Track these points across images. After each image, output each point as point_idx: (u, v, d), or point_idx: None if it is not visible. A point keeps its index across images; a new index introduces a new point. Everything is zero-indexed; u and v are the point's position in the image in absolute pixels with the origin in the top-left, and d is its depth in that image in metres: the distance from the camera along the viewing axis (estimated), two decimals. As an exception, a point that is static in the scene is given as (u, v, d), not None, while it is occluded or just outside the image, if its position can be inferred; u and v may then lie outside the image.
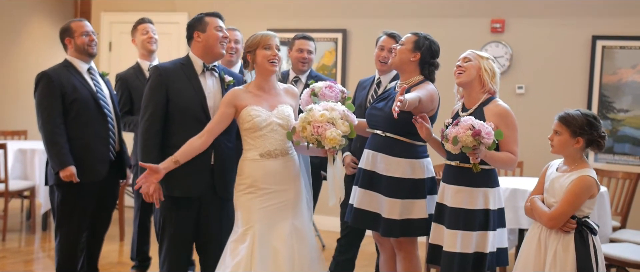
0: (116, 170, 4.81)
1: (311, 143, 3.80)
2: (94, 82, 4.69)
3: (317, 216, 6.71)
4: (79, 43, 4.65)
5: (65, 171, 4.47)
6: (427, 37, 4.10)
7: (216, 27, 4.09)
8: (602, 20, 6.62)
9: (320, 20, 7.58)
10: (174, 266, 4.16)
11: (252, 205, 3.91)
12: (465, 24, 7.04)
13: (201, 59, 4.12)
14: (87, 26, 4.70)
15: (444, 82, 4.31)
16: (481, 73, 3.87)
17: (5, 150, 6.48)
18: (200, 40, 4.09)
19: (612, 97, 6.60)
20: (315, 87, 4.42)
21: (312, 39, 5.06)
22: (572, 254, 3.54)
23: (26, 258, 6.19)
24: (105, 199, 4.83)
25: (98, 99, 4.63)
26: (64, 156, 4.48)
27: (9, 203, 6.86)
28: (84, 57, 4.68)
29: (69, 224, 4.62)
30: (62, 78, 4.55)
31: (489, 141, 3.57)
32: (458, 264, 3.78)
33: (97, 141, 4.61)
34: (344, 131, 3.78)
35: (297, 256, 3.90)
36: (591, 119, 3.61)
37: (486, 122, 3.64)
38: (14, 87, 9.06)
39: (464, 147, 3.59)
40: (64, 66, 4.65)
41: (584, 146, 3.62)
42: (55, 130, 4.50)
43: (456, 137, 3.59)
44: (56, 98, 4.51)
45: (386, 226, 4.04)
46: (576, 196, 3.54)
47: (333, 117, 3.79)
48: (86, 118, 4.57)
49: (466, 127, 3.57)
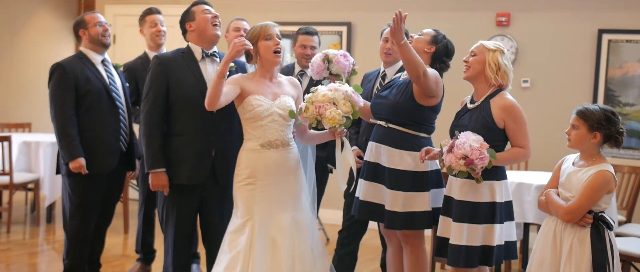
0: (125, 161, 4.85)
1: (312, 124, 3.82)
2: (108, 74, 4.73)
3: (321, 210, 6.70)
4: (93, 33, 4.68)
5: (75, 162, 4.50)
6: (446, 37, 4.14)
7: (203, 10, 4.18)
8: (608, 13, 6.59)
9: (325, 13, 7.56)
10: (178, 254, 4.20)
11: (251, 196, 3.91)
12: (470, 17, 7.02)
13: (199, 46, 4.19)
14: (100, 17, 4.75)
15: (449, 74, 4.30)
16: (485, 67, 3.86)
17: (10, 142, 6.48)
18: (193, 28, 4.19)
19: (618, 91, 6.58)
20: (329, 53, 4.42)
21: (315, 34, 5.04)
22: (588, 249, 3.54)
23: (30, 250, 6.20)
24: (111, 190, 4.86)
25: (111, 91, 4.67)
26: (75, 147, 4.51)
27: (14, 195, 6.87)
28: (97, 48, 4.72)
29: (78, 215, 4.65)
30: (76, 69, 4.58)
31: (484, 163, 3.60)
32: (464, 257, 3.78)
33: (108, 132, 4.64)
34: (345, 111, 3.79)
35: (296, 248, 3.89)
36: (609, 114, 3.58)
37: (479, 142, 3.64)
38: (19, 79, 9.06)
39: (460, 173, 3.65)
40: (78, 57, 4.68)
41: (601, 141, 3.59)
42: (67, 121, 4.53)
43: (450, 166, 3.65)
44: (69, 89, 4.55)
45: (389, 218, 4.05)
46: (595, 190, 3.52)
47: (335, 97, 3.80)
48: (98, 110, 4.61)
49: (459, 156, 3.61)
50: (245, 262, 3.81)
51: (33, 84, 9.21)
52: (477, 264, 3.81)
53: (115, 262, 5.82)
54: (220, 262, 3.89)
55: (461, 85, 4.34)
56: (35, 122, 8.70)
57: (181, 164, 4.10)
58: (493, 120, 3.78)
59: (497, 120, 3.78)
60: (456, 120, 3.98)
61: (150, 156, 4.09)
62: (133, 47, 6.41)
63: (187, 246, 4.27)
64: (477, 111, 3.84)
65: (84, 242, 4.72)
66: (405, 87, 4.04)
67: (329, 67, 4.48)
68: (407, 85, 4.03)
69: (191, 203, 4.18)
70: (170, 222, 4.19)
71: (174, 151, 4.12)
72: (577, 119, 3.62)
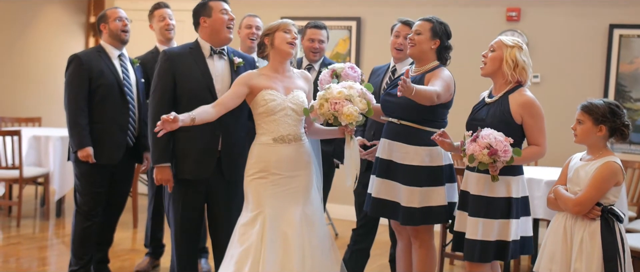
0: (133, 155, 4.91)
1: (328, 120, 3.82)
2: (123, 69, 4.81)
3: (330, 205, 6.70)
4: (113, 28, 4.79)
5: (83, 151, 4.62)
6: (439, 20, 4.10)
7: (221, 10, 4.15)
8: (619, 8, 6.55)
9: (335, 8, 7.55)
10: (184, 248, 4.21)
11: (263, 190, 3.92)
12: (481, 12, 6.99)
13: (208, 43, 4.18)
14: (121, 12, 4.85)
15: (459, 70, 4.29)
16: (502, 64, 3.83)
17: (20, 137, 6.51)
18: (207, 25, 4.16)
19: (629, 86, 6.54)
20: (337, 67, 4.41)
21: (323, 28, 5.02)
22: (599, 242, 3.54)
23: (40, 244, 6.22)
24: (120, 183, 4.93)
25: (123, 86, 4.75)
26: (84, 137, 4.62)
27: (24, 190, 6.90)
28: (116, 43, 4.82)
29: (85, 202, 4.76)
30: (91, 62, 4.69)
31: (506, 158, 3.57)
32: (479, 251, 3.76)
33: (115, 126, 4.72)
34: (361, 109, 3.82)
35: (307, 242, 3.91)
36: (614, 107, 3.60)
37: (504, 138, 3.60)
38: (28, 74, 9.09)
39: (481, 164, 3.60)
40: (96, 51, 4.81)
41: (608, 134, 3.60)
42: (78, 112, 4.64)
43: (472, 155, 3.60)
44: (83, 81, 4.65)
45: (406, 214, 4.03)
46: (602, 181, 3.53)
47: (351, 94, 3.82)
48: (109, 103, 4.70)
49: (483, 146, 3.57)
50: (256, 256, 3.81)
51: (43, 79, 9.24)
52: (491, 259, 3.80)
53: (124, 256, 5.83)
54: (231, 256, 3.90)
55: (470, 79, 4.33)
56: (45, 116, 8.73)
57: (186, 159, 4.11)
58: (511, 116, 3.76)
59: (515, 116, 3.77)
60: (473, 114, 3.96)
61: (157, 151, 4.10)
62: (143, 42, 6.38)
63: (193, 241, 4.27)
64: (495, 106, 3.83)
65: (90, 231, 4.77)
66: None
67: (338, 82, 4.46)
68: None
69: (197, 198, 4.19)
70: (175, 216, 4.21)
71: (180, 146, 4.13)
72: (581, 113, 3.64)
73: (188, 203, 4.18)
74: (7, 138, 6.59)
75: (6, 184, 7.06)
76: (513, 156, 3.60)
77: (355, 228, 4.88)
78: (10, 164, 6.61)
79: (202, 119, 3.81)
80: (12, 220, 6.95)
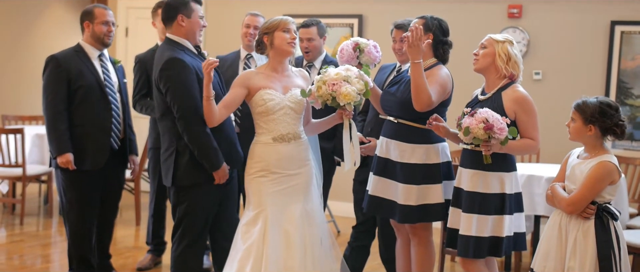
0: (120, 158, 4.82)
1: (327, 101, 3.82)
2: (103, 69, 4.68)
3: (331, 202, 6.72)
4: (97, 31, 4.63)
5: (62, 158, 4.49)
6: (434, 17, 4.10)
7: (200, 16, 4.08)
8: (621, 5, 6.55)
9: (336, 5, 7.55)
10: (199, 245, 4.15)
11: (264, 188, 3.93)
12: (482, 9, 6.99)
13: (187, 40, 4.06)
14: (109, 16, 4.68)
15: (458, 65, 4.30)
16: (495, 59, 3.85)
17: (23, 135, 6.53)
18: (184, 24, 4.03)
19: (631, 83, 6.54)
20: (361, 42, 4.38)
21: (312, 25, 4.94)
22: (593, 240, 3.54)
23: (44, 242, 6.25)
24: (110, 187, 4.82)
25: (104, 87, 4.62)
26: (63, 142, 4.49)
27: (27, 187, 6.93)
28: (97, 46, 4.68)
29: (74, 211, 4.65)
30: (70, 63, 4.55)
31: (501, 136, 3.58)
32: (473, 247, 3.79)
33: (98, 129, 4.60)
34: (359, 89, 3.83)
35: (308, 239, 3.93)
36: (605, 106, 3.58)
37: (502, 117, 3.62)
38: (31, 72, 9.10)
39: (475, 139, 3.61)
40: (74, 51, 4.65)
41: (599, 133, 3.60)
42: (57, 116, 4.51)
43: (468, 127, 3.61)
44: (61, 83, 4.52)
45: (403, 212, 4.05)
46: (596, 180, 3.53)
47: (348, 76, 3.83)
48: (90, 105, 4.57)
49: (480, 120, 3.59)
50: (258, 254, 3.84)
51: (46, 77, 9.25)
52: (486, 255, 3.82)
53: (126, 253, 5.85)
54: (235, 254, 3.92)
55: (470, 76, 4.33)
56: (49, 114, 8.74)
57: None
58: (504, 112, 3.78)
59: (509, 112, 3.78)
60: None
61: (214, 155, 3.97)
62: (145, 40, 6.41)
63: (204, 240, 4.22)
64: (489, 102, 3.84)
65: (84, 236, 4.70)
66: None
67: (359, 57, 4.44)
68: None
69: (214, 199, 4.11)
70: (191, 217, 4.06)
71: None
72: (574, 112, 3.65)
73: (207, 206, 4.08)
74: (11, 136, 6.62)
75: (9, 182, 7.09)
76: (508, 136, 3.60)
77: (355, 225, 4.89)
78: (14, 162, 6.63)
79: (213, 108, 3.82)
80: (15, 218, 6.98)
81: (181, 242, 4.08)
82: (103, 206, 4.81)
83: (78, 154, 4.53)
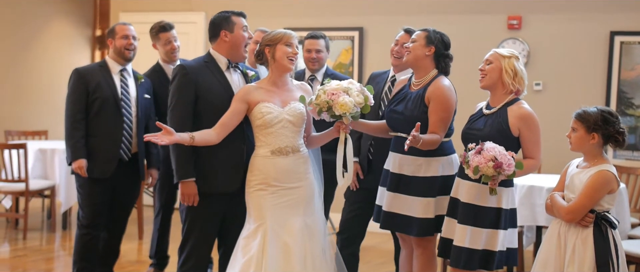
0: (132, 171, 4.91)
1: (322, 108, 3.83)
2: (122, 84, 4.85)
3: (334, 214, 6.72)
4: (118, 45, 4.85)
5: (76, 163, 4.71)
6: (436, 30, 4.13)
7: (243, 28, 4.11)
8: (620, 15, 6.57)
9: (337, 18, 7.59)
10: (200, 260, 4.16)
11: (263, 202, 3.94)
12: (482, 20, 7.02)
13: (224, 57, 4.12)
14: (130, 31, 4.87)
15: (460, 78, 4.32)
16: (502, 74, 3.87)
17: (26, 150, 6.56)
18: (227, 39, 4.08)
19: (631, 93, 6.56)
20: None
21: (320, 37, 5.03)
22: (591, 249, 3.56)
23: (47, 256, 6.27)
24: (122, 198, 4.95)
25: (119, 100, 4.79)
26: (78, 149, 4.71)
27: (30, 202, 6.95)
28: (119, 60, 4.88)
29: (84, 216, 4.81)
30: (90, 76, 4.79)
31: (509, 171, 3.60)
32: (465, 259, 3.81)
33: (107, 140, 4.77)
34: (358, 102, 3.84)
35: (308, 252, 3.93)
36: (606, 114, 3.61)
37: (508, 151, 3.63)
38: (34, 87, 9.14)
39: (484, 177, 3.63)
40: (99, 65, 4.91)
41: (601, 141, 3.62)
42: (75, 124, 4.74)
43: (477, 167, 3.62)
44: (81, 94, 4.76)
45: (421, 226, 4.06)
46: (594, 190, 3.55)
47: (349, 88, 3.85)
48: (103, 117, 4.76)
49: (488, 159, 3.59)
50: (257, 266, 3.84)
51: (49, 92, 9.28)
52: (476, 267, 3.84)
53: (129, 267, 5.86)
54: (233, 267, 3.93)
55: (470, 88, 4.36)
56: (51, 129, 8.77)
57: (214, 174, 4.03)
58: (508, 128, 3.81)
59: (513, 129, 3.81)
60: (469, 124, 4.00)
61: (181, 166, 4.00)
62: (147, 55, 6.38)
63: (208, 253, 4.23)
64: (493, 117, 3.87)
65: (90, 244, 4.82)
66: (420, 101, 4.04)
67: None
68: (420, 98, 4.04)
69: (219, 211, 4.14)
70: (195, 229, 4.11)
71: (206, 161, 4.03)
72: (575, 121, 3.67)
73: (210, 217, 4.11)
74: (13, 151, 6.64)
75: (13, 196, 7.10)
76: (515, 170, 3.63)
77: (339, 232, 4.84)
78: (17, 177, 6.66)
79: (202, 140, 3.87)
80: (18, 232, 6.99)
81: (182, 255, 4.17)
82: (113, 218, 4.93)
83: (89, 162, 4.73)
